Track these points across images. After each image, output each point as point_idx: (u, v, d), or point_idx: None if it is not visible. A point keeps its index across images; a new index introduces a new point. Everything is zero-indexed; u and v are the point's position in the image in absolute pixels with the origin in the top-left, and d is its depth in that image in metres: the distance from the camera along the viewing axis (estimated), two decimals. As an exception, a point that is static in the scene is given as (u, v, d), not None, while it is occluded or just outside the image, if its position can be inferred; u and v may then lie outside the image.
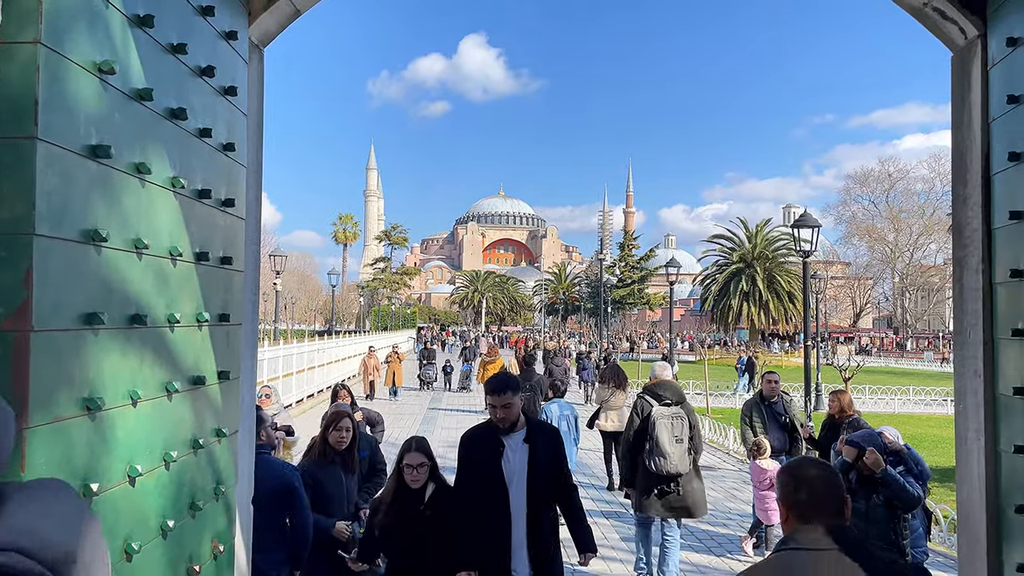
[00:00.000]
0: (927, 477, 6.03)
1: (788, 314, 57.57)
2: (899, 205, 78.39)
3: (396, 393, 23.59)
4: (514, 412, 4.25)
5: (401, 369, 24.01)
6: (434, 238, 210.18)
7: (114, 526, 2.37)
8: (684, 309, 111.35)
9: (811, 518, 2.13)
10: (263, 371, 18.03)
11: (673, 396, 7.21)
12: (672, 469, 6.92)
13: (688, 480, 7.01)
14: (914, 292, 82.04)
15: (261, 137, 3.76)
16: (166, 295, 2.72)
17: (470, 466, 4.34)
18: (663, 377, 7.51)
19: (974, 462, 3.39)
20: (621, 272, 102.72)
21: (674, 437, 6.94)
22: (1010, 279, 3.08)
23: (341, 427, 5.12)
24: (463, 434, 4.51)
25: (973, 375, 3.40)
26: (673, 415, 7.02)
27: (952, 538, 8.89)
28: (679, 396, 7.28)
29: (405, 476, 4.35)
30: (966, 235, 3.48)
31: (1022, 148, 3.00)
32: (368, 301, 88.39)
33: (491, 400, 4.25)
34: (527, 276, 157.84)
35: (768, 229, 62.43)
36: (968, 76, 3.47)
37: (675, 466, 6.92)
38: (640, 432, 7.09)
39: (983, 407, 3.31)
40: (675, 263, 23.12)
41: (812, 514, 2.14)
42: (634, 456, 7.16)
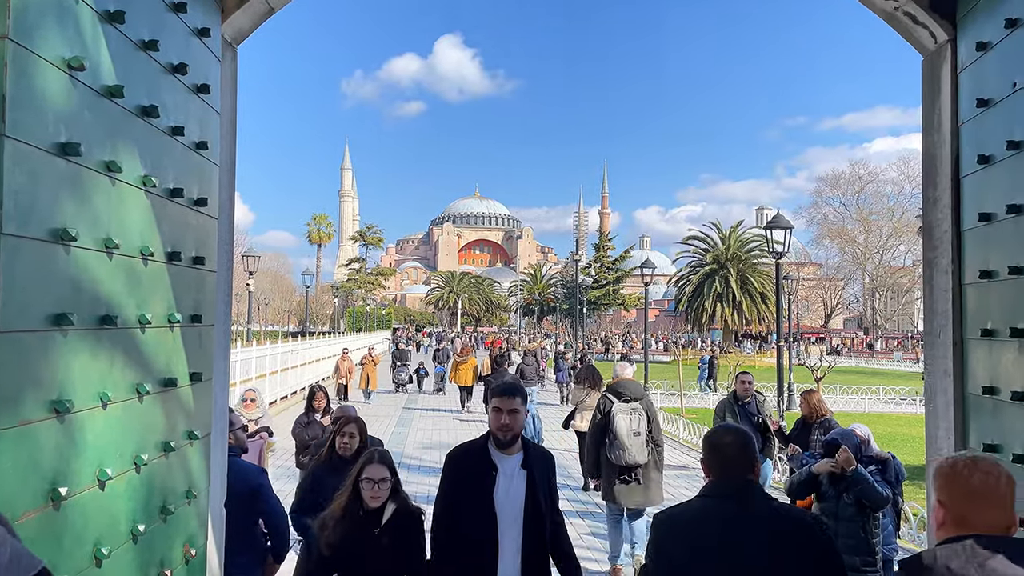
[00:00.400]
0: (902, 478, 6.09)
1: (761, 314, 58.08)
2: (869, 207, 79.53)
3: (370, 396, 23.12)
4: (518, 423, 3.68)
5: (375, 372, 23.46)
6: (409, 239, 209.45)
7: (83, 531, 2.33)
8: (659, 310, 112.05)
9: (723, 474, 2.62)
10: (236, 373, 17.83)
11: (632, 393, 7.68)
12: (631, 460, 7.41)
13: (647, 470, 7.51)
14: (884, 293, 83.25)
15: (234, 136, 3.72)
16: (137, 295, 2.68)
17: (454, 493, 3.68)
18: (624, 376, 8.03)
19: (944, 460, 3.44)
20: (596, 273, 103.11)
21: (632, 431, 7.44)
22: (979, 280, 3.13)
23: (345, 432, 4.88)
24: (450, 451, 3.86)
25: (943, 375, 3.45)
26: (631, 410, 7.52)
27: (922, 535, 9.04)
28: (638, 393, 7.76)
29: (363, 492, 3.74)
30: (936, 237, 3.54)
31: (991, 151, 3.05)
32: (343, 302, 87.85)
33: (497, 403, 3.67)
34: (503, 277, 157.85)
35: (741, 231, 62.95)
36: (938, 80, 3.52)
37: (633, 457, 7.41)
38: (601, 427, 7.62)
39: (953, 406, 3.36)
40: (650, 264, 23.25)
41: (724, 471, 2.62)
42: (597, 449, 7.68)
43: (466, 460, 3.71)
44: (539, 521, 3.61)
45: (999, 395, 3.00)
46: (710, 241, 62.13)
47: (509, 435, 3.63)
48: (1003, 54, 3.03)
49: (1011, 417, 2.92)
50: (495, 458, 3.65)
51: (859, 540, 5.03)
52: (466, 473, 3.66)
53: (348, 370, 22.72)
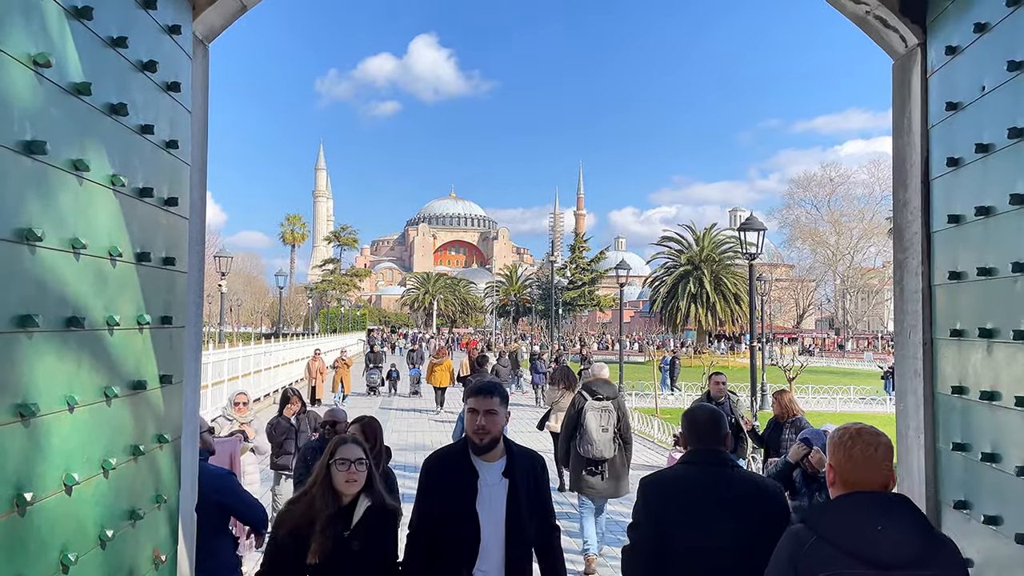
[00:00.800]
0: None
1: (735, 315, 58.60)
2: (840, 209, 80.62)
3: (344, 399, 22.44)
4: (497, 426, 3.35)
5: (349, 374, 23.03)
6: (385, 239, 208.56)
7: (49, 537, 2.28)
8: (634, 311, 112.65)
9: (698, 444, 3.11)
10: (208, 375, 17.62)
11: (605, 392, 8.12)
12: (597, 454, 7.89)
13: (613, 464, 7.97)
14: (854, 294, 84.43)
15: (206, 135, 3.67)
16: (105, 296, 2.63)
17: (430, 505, 3.37)
18: (600, 376, 8.56)
19: (914, 459, 3.49)
20: (572, 274, 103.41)
21: (601, 427, 7.92)
22: (948, 281, 3.17)
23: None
24: (427, 458, 3.53)
25: (913, 375, 3.49)
26: (602, 408, 7.98)
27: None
28: (611, 393, 8.19)
29: (336, 477, 3.27)
30: (906, 238, 3.58)
31: (959, 154, 3.10)
32: (317, 303, 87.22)
33: (473, 403, 3.34)
34: (478, 278, 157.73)
35: (715, 232, 63.50)
36: (908, 83, 3.57)
37: (600, 452, 7.89)
38: (573, 422, 8.10)
39: (923, 406, 3.41)
40: (624, 265, 23.36)
41: (699, 442, 3.12)
42: (568, 442, 8.17)
43: (443, 468, 3.39)
44: (521, 535, 3.32)
45: (968, 395, 3.05)
46: (684, 242, 62.60)
47: (486, 439, 3.31)
48: (972, 58, 3.08)
49: (979, 417, 2.97)
50: (477, 464, 3.34)
51: None
52: (444, 483, 3.33)
53: (319, 371, 22.07)
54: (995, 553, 2.86)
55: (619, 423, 8.00)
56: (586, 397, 8.08)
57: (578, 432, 7.97)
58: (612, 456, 7.94)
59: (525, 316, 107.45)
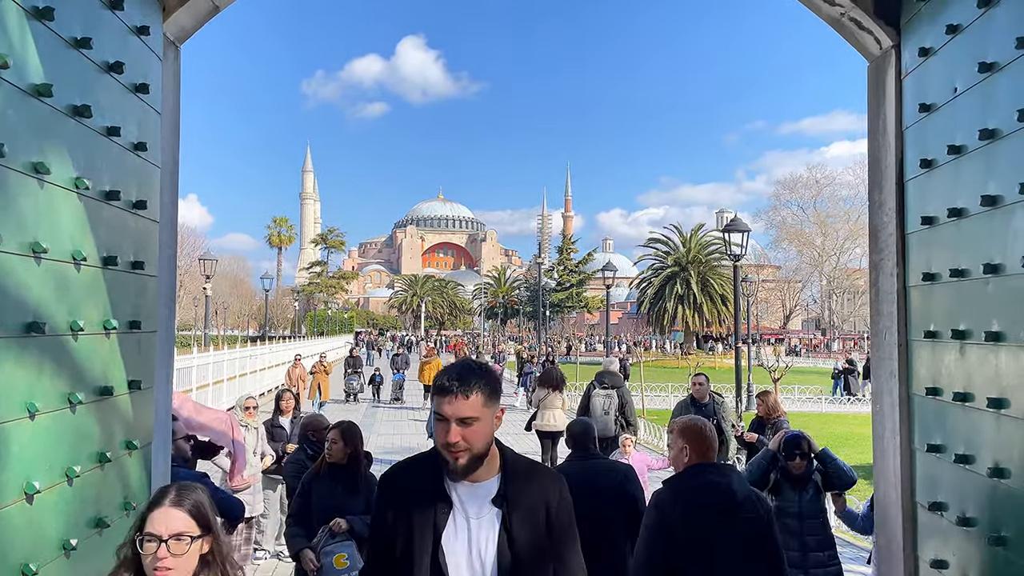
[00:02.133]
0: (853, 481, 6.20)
1: (721, 316, 58.80)
2: (826, 210, 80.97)
3: (322, 407, 21.00)
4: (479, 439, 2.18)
5: (327, 381, 21.50)
6: (372, 242, 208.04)
7: (9, 547, 2.23)
8: (621, 312, 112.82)
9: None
10: (192, 379, 17.50)
11: (611, 382, 9.91)
12: (600, 432, 8.81)
13: (614, 442, 9.03)
14: (840, 294, 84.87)
15: (177, 137, 3.62)
16: (68, 301, 2.58)
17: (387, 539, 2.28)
18: (609, 369, 10.49)
19: (890, 461, 3.48)
20: (560, 276, 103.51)
21: (603, 410, 9.58)
22: (922, 282, 3.17)
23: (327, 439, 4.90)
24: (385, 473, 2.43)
25: (889, 376, 3.49)
26: (606, 395, 9.71)
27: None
28: (616, 383, 9.93)
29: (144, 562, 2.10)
30: (881, 240, 3.58)
31: (933, 155, 3.10)
32: (304, 306, 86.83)
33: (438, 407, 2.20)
34: (466, 280, 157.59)
35: (702, 234, 63.71)
36: (883, 85, 3.57)
37: (602, 430, 8.95)
38: (583, 406, 9.82)
39: (898, 407, 3.40)
40: (611, 266, 23.39)
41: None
42: None
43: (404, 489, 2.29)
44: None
45: (942, 396, 3.04)
46: (671, 244, 62.78)
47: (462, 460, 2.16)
48: (945, 60, 3.08)
49: (953, 418, 2.97)
50: (449, 487, 2.25)
51: (824, 536, 5.17)
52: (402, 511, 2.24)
53: (300, 378, 21.01)
54: (970, 555, 2.85)
55: (622, 408, 9.72)
56: (595, 385, 9.88)
57: (586, 415, 9.31)
58: (613, 434, 9.31)
59: (513, 318, 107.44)
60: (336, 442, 4.84)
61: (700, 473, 3.30)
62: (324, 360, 21.47)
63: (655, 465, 9.21)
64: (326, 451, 4.88)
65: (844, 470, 5.25)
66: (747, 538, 3.18)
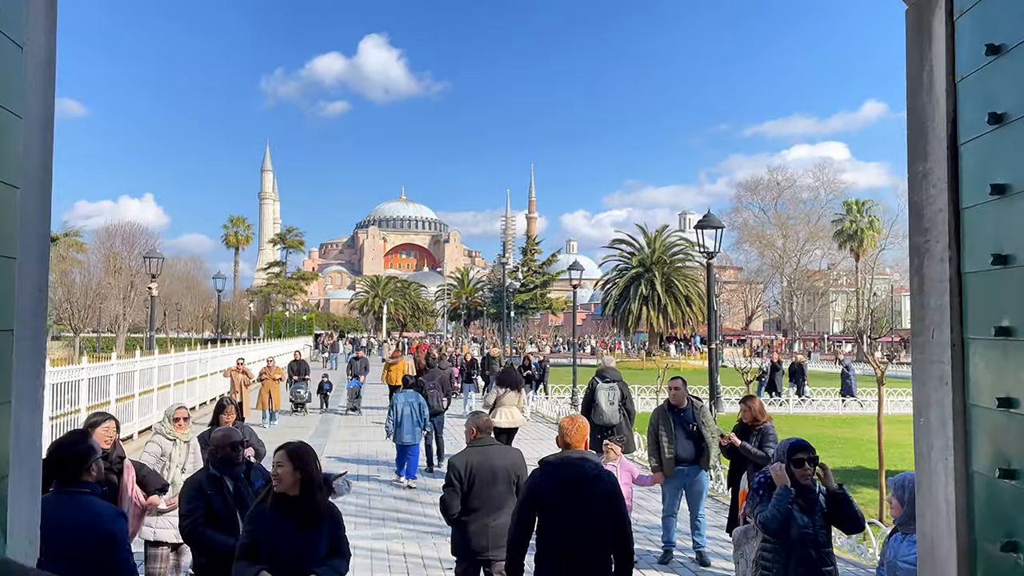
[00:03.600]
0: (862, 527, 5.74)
1: (685, 317, 58.78)
2: (787, 212, 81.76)
3: (272, 417, 19.34)
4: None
5: (278, 388, 19.58)
6: (334, 242, 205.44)
7: None
8: (586, 313, 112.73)
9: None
10: (135, 383, 16.45)
11: (612, 376, 11.11)
12: (607, 421, 10.68)
13: (619, 429, 10.63)
14: (801, 296, 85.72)
15: (52, 81, 2.84)
16: None
17: None
18: (608, 364, 11.82)
19: (940, 486, 2.86)
20: (524, 277, 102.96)
21: (608, 402, 10.77)
22: (990, 267, 2.55)
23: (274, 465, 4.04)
24: None
25: (938, 383, 2.87)
26: (609, 388, 10.91)
27: (861, 546, 8.65)
28: (616, 377, 11.16)
29: None
30: (927, 218, 2.96)
31: (1006, 107, 2.48)
32: (261, 307, 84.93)
33: None
34: (430, 281, 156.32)
35: (666, 235, 63.69)
36: (928, 29, 2.95)
37: (608, 419, 10.69)
38: (589, 399, 10.99)
39: (952, 421, 2.78)
40: (577, 266, 22.77)
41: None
42: (586, 415, 10.51)
43: None
44: None
45: (1018, 408, 2.42)
46: (636, 244, 62.61)
47: None
48: (1015, -9, 2.46)
49: (1037, 436, 2.34)
50: None
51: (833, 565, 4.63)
52: None
53: (243, 385, 18.75)
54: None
55: (623, 399, 10.89)
56: (598, 380, 10.97)
57: (592, 406, 10.73)
58: (618, 422, 10.70)
59: (477, 319, 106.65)
60: (282, 466, 3.99)
61: (563, 455, 4.58)
62: (272, 364, 19.76)
63: (642, 481, 8.65)
64: (272, 479, 4.05)
65: (859, 515, 4.66)
66: (593, 503, 4.34)
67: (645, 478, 8.89)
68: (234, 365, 19.66)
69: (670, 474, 8.49)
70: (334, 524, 4.12)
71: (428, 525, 9.91)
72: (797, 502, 4.49)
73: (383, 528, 9.80)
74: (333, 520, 4.13)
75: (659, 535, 9.20)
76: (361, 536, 9.24)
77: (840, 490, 4.58)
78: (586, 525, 4.29)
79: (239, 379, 18.68)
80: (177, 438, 6.68)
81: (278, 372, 19.86)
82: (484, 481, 5.59)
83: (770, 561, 4.48)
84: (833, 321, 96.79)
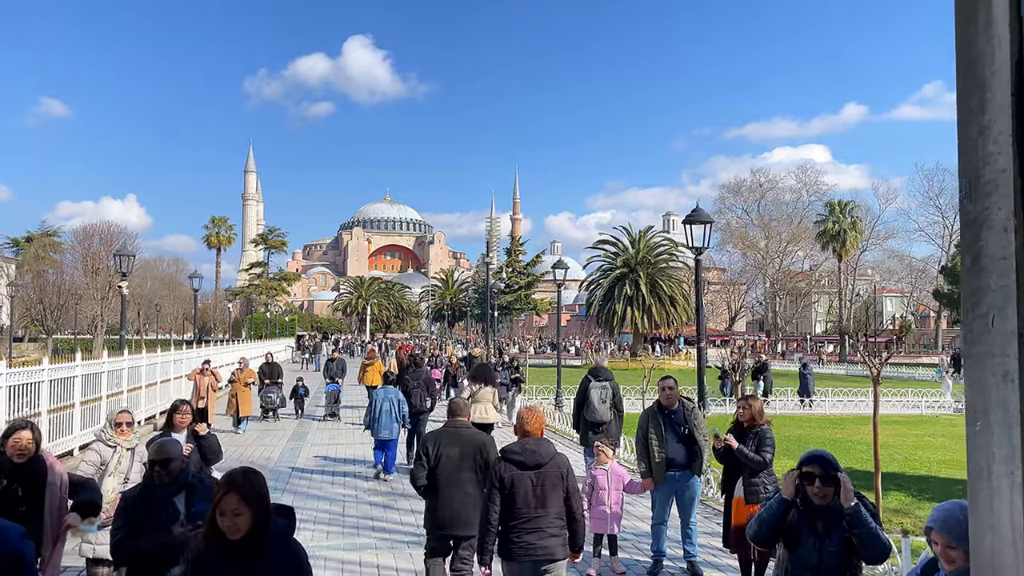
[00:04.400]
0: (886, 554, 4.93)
1: (670, 317, 58.51)
2: (769, 214, 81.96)
3: (241, 424, 18.00)
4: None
5: (248, 394, 18.10)
6: (317, 244, 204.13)
7: None
8: (570, 314, 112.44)
9: (453, 417, 6.58)
10: (102, 386, 15.75)
11: (604, 375, 11.37)
12: (599, 418, 11.02)
13: (609, 425, 11.03)
14: (784, 296, 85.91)
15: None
16: None
17: None
18: (600, 363, 12.22)
19: (1004, 505, 2.36)
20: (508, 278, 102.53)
21: (600, 400, 11.04)
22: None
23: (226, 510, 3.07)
24: None
25: (1001, 380, 2.36)
26: (601, 386, 11.15)
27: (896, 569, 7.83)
28: (608, 376, 11.44)
29: None
30: (985, 181, 2.45)
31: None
32: (244, 309, 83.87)
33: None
34: (414, 282, 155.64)
35: (651, 235, 63.45)
36: (986, -47, 2.46)
37: (600, 416, 11.01)
38: (582, 396, 11.30)
39: (1020, 427, 2.29)
40: (562, 264, 22.25)
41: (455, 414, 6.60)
42: (579, 411, 11.31)
43: None
44: None
45: (1117, 412, 1.93)
46: (620, 245, 62.30)
47: None
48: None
49: None
50: None
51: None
52: None
53: (210, 389, 16.97)
54: None
55: (614, 397, 11.16)
56: (591, 379, 11.23)
57: (585, 404, 11.09)
58: (609, 420, 11.00)
59: (461, 320, 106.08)
60: (240, 514, 3.05)
61: (522, 442, 5.31)
62: (243, 365, 18.39)
63: (632, 488, 8.21)
64: (218, 523, 3.07)
65: (879, 538, 3.89)
66: (547, 483, 5.15)
67: (635, 484, 8.41)
68: (199, 368, 17.65)
69: (660, 479, 7.99)
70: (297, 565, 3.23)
71: (404, 534, 9.35)
72: (814, 525, 3.91)
73: (356, 538, 9.23)
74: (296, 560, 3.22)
75: (648, 543, 8.72)
76: (333, 547, 8.68)
77: (853, 510, 3.86)
78: (544, 500, 5.18)
79: (204, 383, 16.83)
80: (119, 444, 6.05)
81: (249, 375, 18.39)
82: (450, 458, 6.22)
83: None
84: (816, 322, 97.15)
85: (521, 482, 5.17)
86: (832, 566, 3.86)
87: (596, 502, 8.00)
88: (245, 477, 3.17)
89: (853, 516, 3.84)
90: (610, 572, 7.95)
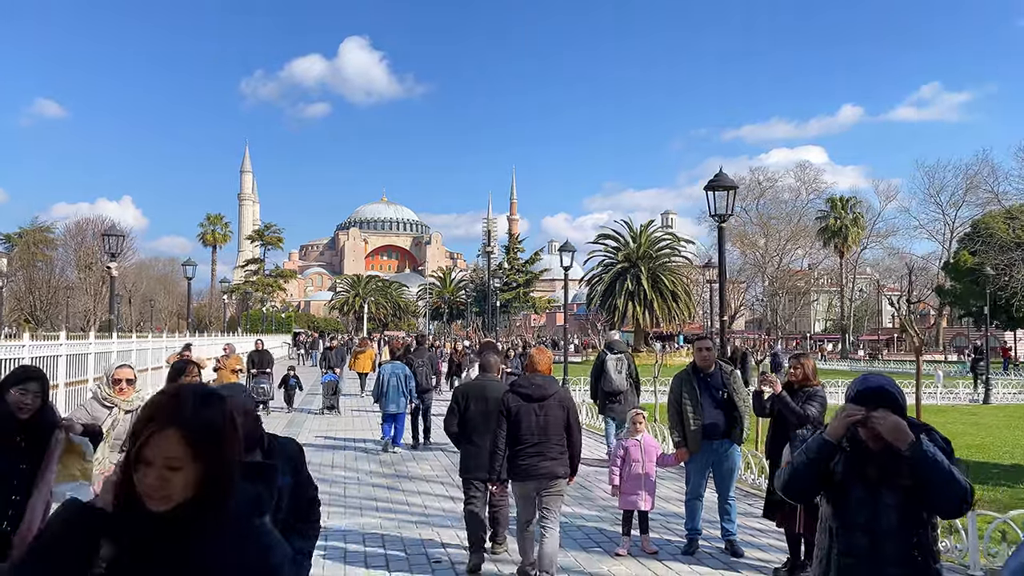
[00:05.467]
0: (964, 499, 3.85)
1: (671, 313, 57.80)
2: (768, 213, 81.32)
3: None
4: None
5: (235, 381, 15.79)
6: (314, 244, 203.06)
7: None
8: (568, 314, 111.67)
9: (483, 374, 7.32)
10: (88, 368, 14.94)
11: (618, 347, 11.79)
12: (615, 388, 11.31)
13: (625, 395, 11.31)
14: (783, 295, 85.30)
15: None
16: None
17: None
18: (613, 338, 12.59)
19: None
20: (506, 275, 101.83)
21: (616, 370, 11.28)
22: None
23: None
24: None
25: None
26: (617, 358, 11.39)
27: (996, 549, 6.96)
28: (622, 348, 11.92)
29: None
30: None
31: None
32: (240, 305, 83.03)
33: None
34: (411, 282, 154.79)
35: (652, 230, 62.78)
36: None
37: (617, 386, 11.29)
38: (599, 368, 11.55)
39: None
40: (569, 247, 21.47)
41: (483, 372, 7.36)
42: (596, 381, 11.59)
43: None
44: None
45: None
46: (621, 240, 61.57)
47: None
48: None
49: None
50: None
51: (916, 568, 2.94)
52: None
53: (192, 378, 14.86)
54: None
55: (629, 368, 11.44)
56: (606, 352, 11.59)
57: (602, 375, 11.36)
58: (625, 389, 11.32)
59: (459, 319, 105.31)
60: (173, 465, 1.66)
61: (530, 377, 6.07)
62: (229, 352, 16.96)
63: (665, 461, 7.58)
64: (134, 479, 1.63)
65: (956, 482, 2.85)
66: (551, 415, 5.84)
67: (668, 457, 7.69)
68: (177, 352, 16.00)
69: (695, 450, 7.24)
70: None
71: (410, 513, 8.64)
72: (864, 472, 2.97)
73: (360, 518, 8.49)
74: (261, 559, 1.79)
75: (676, 523, 7.99)
76: (335, 527, 7.95)
77: (914, 447, 2.85)
78: (546, 429, 5.82)
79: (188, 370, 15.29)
80: (116, 405, 5.17)
81: (236, 362, 16.59)
82: (478, 408, 6.68)
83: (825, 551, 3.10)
84: (815, 320, 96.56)
85: (527, 413, 5.86)
86: (890, 525, 2.93)
87: (628, 475, 7.27)
88: (200, 401, 1.74)
89: (916, 454, 2.84)
90: (640, 552, 7.22)
